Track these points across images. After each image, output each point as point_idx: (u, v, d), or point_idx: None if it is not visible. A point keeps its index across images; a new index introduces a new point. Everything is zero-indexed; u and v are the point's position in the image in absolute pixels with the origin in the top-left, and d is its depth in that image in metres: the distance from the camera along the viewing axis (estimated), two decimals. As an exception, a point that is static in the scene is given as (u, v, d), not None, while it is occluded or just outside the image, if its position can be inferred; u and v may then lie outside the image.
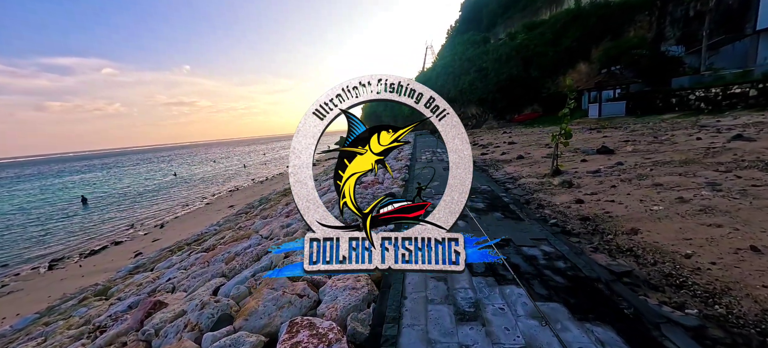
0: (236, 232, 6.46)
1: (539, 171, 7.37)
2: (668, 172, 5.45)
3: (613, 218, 3.97)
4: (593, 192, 5.04)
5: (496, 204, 4.75)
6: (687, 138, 8.24)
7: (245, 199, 19.33)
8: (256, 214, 9.56)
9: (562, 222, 4.08)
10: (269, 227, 5.49)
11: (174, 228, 14.96)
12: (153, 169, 52.43)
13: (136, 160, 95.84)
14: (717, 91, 14.92)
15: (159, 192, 27.82)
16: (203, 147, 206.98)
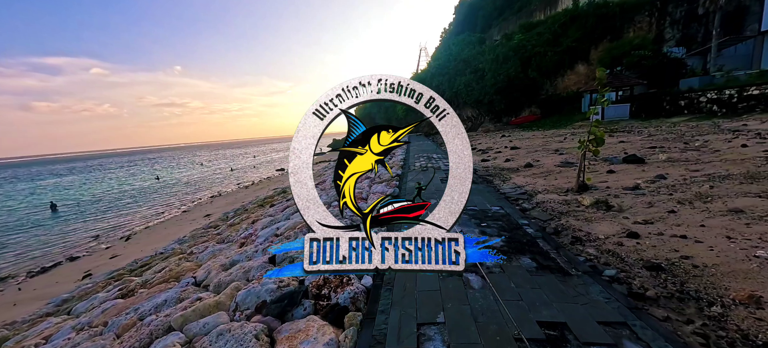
0: (175, 266, 5.01)
1: (558, 184, 6.06)
2: (738, 191, 4.17)
3: (701, 269, 2.64)
4: (647, 220, 3.73)
5: (517, 238, 3.41)
6: (728, 145, 7.02)
7: (225, 206, 17.77)
8: (218, 233, 8.08)
9: (623, 272, 2.75)
10: (210, 266, 4.05)
11: (139, 241, 13.39)
12: (135, 172, 50.28)
13: (122, 162, 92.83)
14: (731, 93, 13.89)
15: (137, 197, 25.98)
16: (193, 149, 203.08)
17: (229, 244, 5.42)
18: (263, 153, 76.27)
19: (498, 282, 2.48)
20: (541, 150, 11.08)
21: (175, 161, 72.41)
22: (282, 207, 8.00)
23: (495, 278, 2.54)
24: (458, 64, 31.64)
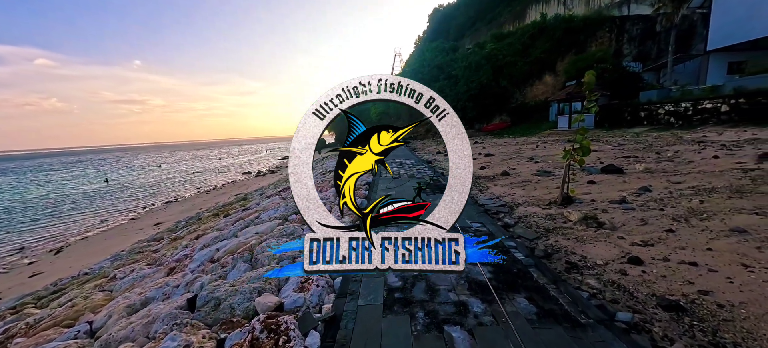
0: (82, 300, 3.93)
1: (538, 196, 5.64)
2: (730, 207, 3.88)
3: (729, 310, 2.16)
4: (645, 241, 3.28)
5: (506, 267, 2.80)
6: (699, 156, 7.02)
7: (180, 213, 16.10)
8: (155, 250, 6.90)
9: (637, 314, 2.21)
10: (115, 307, 3.08)
11: (70, 255, 11.56)
12: (81, 174, 45.52)
13: (67, 162, 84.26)
14: (687, 106, 14.65)
15: (78, 203, 23.11)
16: (154, 149, 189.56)
17: (158, 268, 4.41)
18: (230, 155, 72.28)
19: (491, 341, 1.83)
20: (516, 157, 10.85)
21: (131, 162, 66.80)
22: (235, 218, 6.99)
23: (487, 334, 1.88)
24: (432, 70, 31.69)
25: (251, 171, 33.77)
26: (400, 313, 2.18)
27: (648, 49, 27.37)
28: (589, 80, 4.29)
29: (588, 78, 4.30)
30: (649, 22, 25.99)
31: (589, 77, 4.28)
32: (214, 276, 3.13)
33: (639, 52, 27.45)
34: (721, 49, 19.09)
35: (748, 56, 15.75)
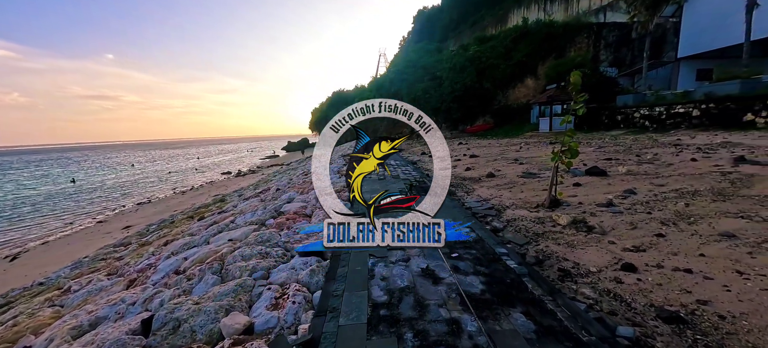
0: (27, 317, 3.47)
1: (525, 198, 5.55)
2: (715, 210, 3.88)
3: (731, 321, 2.06)
4: (637, 246, 3.20)
5: (499, 276, 2.62)
6: (677, 159, 7.16)
7: (152, 215, 15.26)
8: (119, 257, 6.37)
9: (637, 326, 2.07)
10: (60, 328, 2.68)
11: (27, 262, 10.65)
12: (46, 174, 42.73)
13: (31, 160, 79.04)
14: (661, 111, 15.20)
15: (39, 205, 21.54)
16: (128, 148, 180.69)
17: (117, 280, 3.97)
18: (210, 154, 69.77)
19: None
20: (501, 159, 10.86)
21: (101, 161, 63.39)
22: (209, 222, 6.55)
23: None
24: (417, 70, 31.71)
25: (231, 171, 32.67)
26: (386, 334, 1.94)
27: (623, 55, 28.42)
28: (575, 81, 4.22)
29: (574, 79, 4.22)
30: (624, 29, 26.96)
31: (575, 78, 4.21)
32: (177, 290, 2.79)
33: (615, 57, 28.45)
34: (690, 56, 20.03)
35: (715, 64, 16.58)
